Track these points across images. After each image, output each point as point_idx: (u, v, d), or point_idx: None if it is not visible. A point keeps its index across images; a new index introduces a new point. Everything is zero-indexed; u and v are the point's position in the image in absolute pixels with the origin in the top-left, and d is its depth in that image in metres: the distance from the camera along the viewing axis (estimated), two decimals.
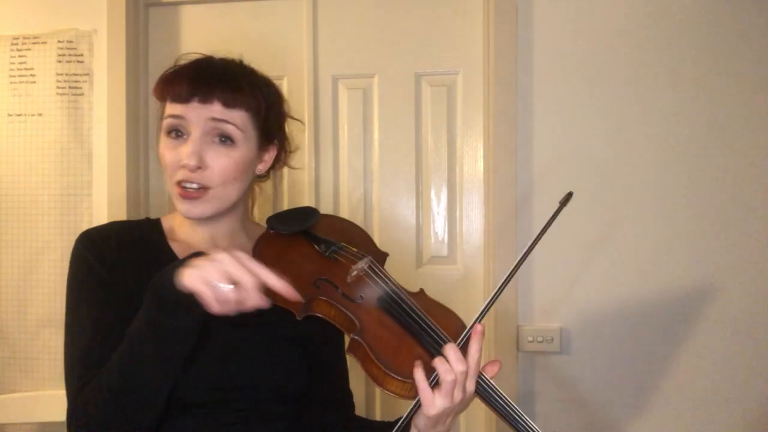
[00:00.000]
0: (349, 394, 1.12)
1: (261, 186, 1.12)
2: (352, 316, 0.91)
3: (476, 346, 0.88)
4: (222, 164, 0.92)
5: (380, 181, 1.72)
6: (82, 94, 1.71)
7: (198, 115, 0.91)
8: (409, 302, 0.95)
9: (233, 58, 1.01)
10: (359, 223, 1.18)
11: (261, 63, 1.04)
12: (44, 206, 1.71)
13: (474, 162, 1.69)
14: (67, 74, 1.71)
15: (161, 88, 0.95)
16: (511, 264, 1.56)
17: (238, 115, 0.93)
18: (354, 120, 1.72)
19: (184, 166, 0.90)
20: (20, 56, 1.72)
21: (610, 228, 1.57)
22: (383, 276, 0.98)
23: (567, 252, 1.59)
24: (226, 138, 0.92)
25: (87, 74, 1.71)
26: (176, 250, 0.99)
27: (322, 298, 0.92)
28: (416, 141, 1.70)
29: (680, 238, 1.56)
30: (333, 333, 1.01)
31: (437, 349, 0.89)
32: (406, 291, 0.98)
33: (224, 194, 0.94)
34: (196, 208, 0.92)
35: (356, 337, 0.89)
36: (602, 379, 1.59)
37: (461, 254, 1.70)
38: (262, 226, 1.05)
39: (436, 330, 0.92)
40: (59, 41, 1.71)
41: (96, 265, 0.92)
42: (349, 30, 1.72)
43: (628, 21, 1.57)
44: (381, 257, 1.06)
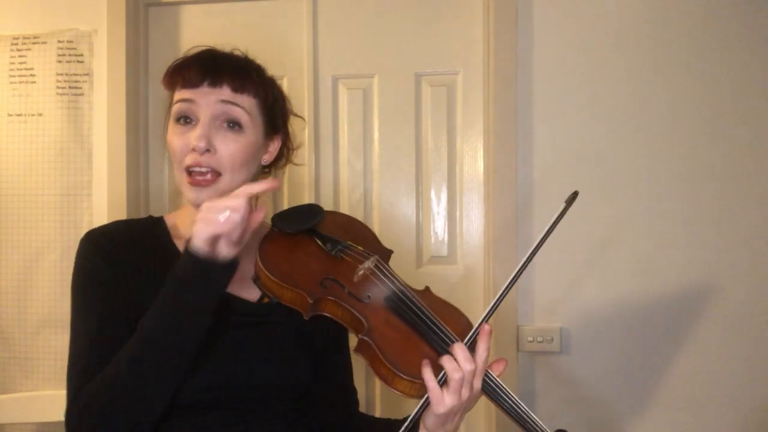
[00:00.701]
0: (354, 391, 1.12)
1: None
2: (360, 316, 0.91)
3: (484, 346, 0.90)
4: (231, 149, 0.92)
5: (380, 181, 1.72)
6: (82, 94, 1.71)
7: (207, 100, 0.92)
8: (417, 301, 0.95)
9: (240, 51, 1.02)
10: None
11: (261, 63, 1.04)
12: (44, 206, 1.71)
13: (474, 162, 1.69)
14: (67, 74, 1.71)
15: (171, 76, 0.96)
16: (512, 263, 1.57)
17: (247, 100, 0.94)
18: (354, 120, 1.72)
19: (194, 149, 0.90)
20: (20, 56, 1.72)
21: (610, 228, 1.57)
22: (390, 275, 0.98)
23: (567, 252, 1.59)
24: (234, 123, 0.93)
25: (87, 74, 1.71)
26: (181, 248, 0.98)
27: (330, 298, 0.92)
28: (416, 141, 1.70)
29: (680, 238, 1.56)
30: (337, 330, 1.01)
31: (444, 348, 0.90)
32: (413, 289, 0.98)
33: (232, 181, 0.94)
34: (205, 194, 0.92)
35: (365, 338, 0.89)
36: (602, 379, 1.59)
37: (461, 254, 1.70)
38: (267, 224, 1.05)
39: (444, 329, 0.92)
40: (59, 41, 1.71)
41: (100, 265, 0.92)
42: (349, 30, 1.72)
43: (628, 21, 1.57)
44: (386, 255, 1.06)
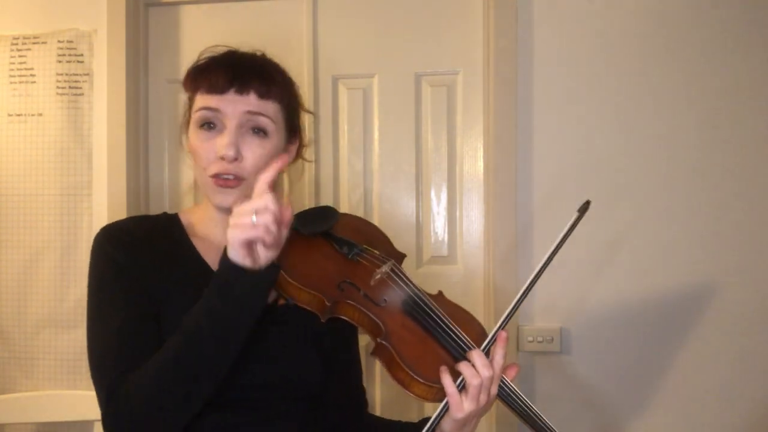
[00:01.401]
0: (363, 392, 1.12)
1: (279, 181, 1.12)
2: (377, 320, 0.92)
3: (501, 352, 0.91)
4: (256, 155, 0.93)
5: (380, 181, 1.72)
6: (82, 94, 1.71)
7: (234, 107, 0.92)
8: (433, 306, 0.96)
9: (259, 51, 1.03)
10: None
11: (268, 56, 1.05)
12: (44, 206, 1.71)
13: (474, 162, 1.69)
14: (67, 74, 1.71)
15: (194, 79, 0.96)
16: (512, 263, 1.57)
17: (272, 107, 0.95)
18: (354, 120, 1.72)
19: (222, 158, 0.91)
20: (20, 56, 1.72)
21: (610, 228, 1.57)
22: (406, 279, 0.99)
23: (567, 252, 1.58)
24: (260, 129, 0.94)
25: (87, 74, 1.71)
26: (197, 246, 0.99)
27: (348, 302, 0.93)
28: (416, 141, 1.70)
29: (680, 238, 1.56)
30: (347, 331, 1.02)
31: (460, 353, 0.92)
32: (427, 294, 0.99)
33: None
34: (230, 197, 0.93)
35: (383, 342, 0.90)
36: (602, 379, 1.59)
37: (461, 254, 1.70)
38: None
39: (460, 334, 0.94)
40: (59, 41, 1.71)
41: (119, 257, 0.92)
42: (349, 30, 1.72)
43: (628, 20, 1.57)
44: (399, 258, 1.07)
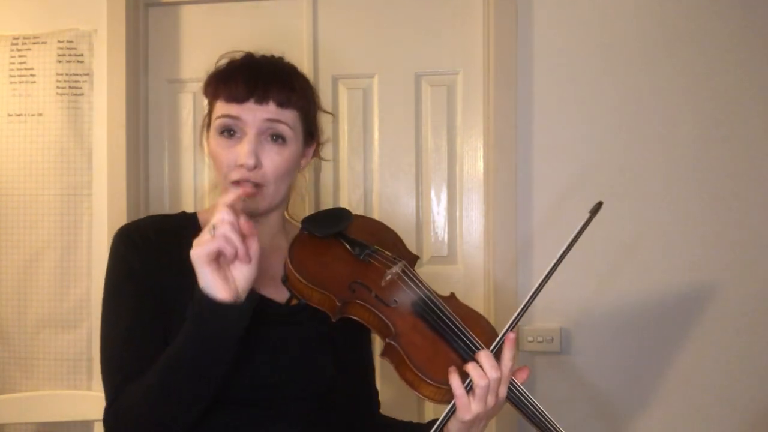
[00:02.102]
0: (375, 392, 1.13)
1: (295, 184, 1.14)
2: (387, 320, 0.93)
3: (509, 354, 0.91)
4: (275, 163, 0.95)
5: (380, 181, 1.72)
6: (82, 94, 1.71)
7: (254, 116, 0.93)
8: (444, 308, 0.96)
9: (277, 56, 1.04)
10: None
11: (286, 60, 1.05)
12: (44, 206, 1.71)
13: (474, 162, 1.69)
14: (67, 74, 1.71)
15: (215, 88, 0.97)
16: (512, 263, 1.57)
17: (291, 115, 0.96)
18: (354, 120, 1.72)
19: (242, 166, 0.92)
20: (20, 56, 1.72)
21: (611, 228, 1.57)
22: (417, 281, 0.99)
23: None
24: (278, 137, 0.95)
25: (87, 74, 1.71)
26: None
27: (358, 302, 0.94)
28: (416, 141, 1.70)
29: (681, 238, 1.56)
30: (359, 331, 1.02)
31: (470, 355, 0.92)
32: (438, 295, 0.99)
33: (276, 191, 0.97)
34: (252, 203, 0.95)
35: (392, 342, 0.91)
36: (602, 379, 1.59)
37: (461, 254, 1.70)
38: (296, 226, 1.07)
39: (470, 336, 0.94)
40: (59, 41, 1.71)
41: (133, 261, 0.93)
42: (349, 30, 1.72)
43: (628, 20, 1.57)
44: (412, 260, 1.07)
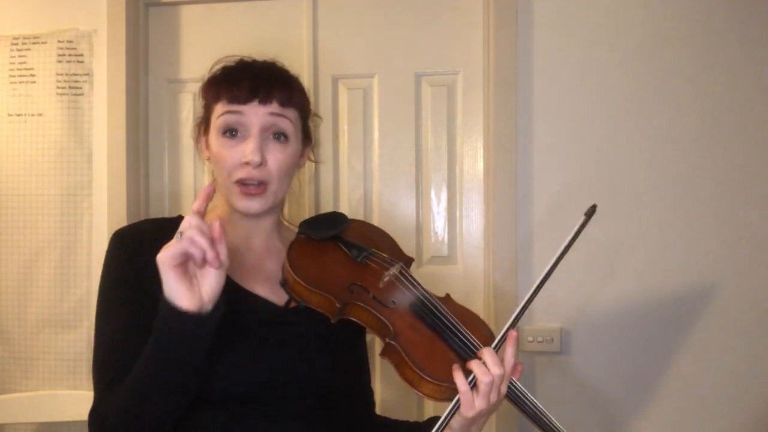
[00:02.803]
0: (371, 392, 1.13)
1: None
2: (386, 321, 0.94)
3: (511, 351, 0.92)
4: (279, 160, 0.96)
5: (380, 181, 1.72)
6: (82, 94, 1.71)
7: (257, 113, 0.95)
8: (441, 308, 0.98)
9: (271, 59, 1.05)
10: None
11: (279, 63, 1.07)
12: (44, 206, 1.71)
13: (474, 162, 1.69)
14: (67, 74, 1.71)
15: (216, 90, 0.98)
16: (512, 263, 1.57)
17: (292, 114, 0.98)
18: (354, 120, 1.72)
19: (248, 163, 0.93)
20: (20, 56, 1.72)
21: (611, 228, 1.57)
22: (414, 281, 1.01)
23: (568, 253, 1.58)
24: (281, 134, 0.97)
25: (87, 74, 1.71)
26: None
27: (358, 303, 0.95)
28: (416, 141, 1.70)
29: (680, 238, 1.56)
30: (356, 331, 1.04)
31: (468, 354, 0.93)
32: (435, 296, 1.01)
33: (278, 190, 0.98)
34: (256, 203, 0.96)
35: (392, 342, 0.92)
36: (602, 380, 1.59)
37: (461, 254, 1.70)
38: (294, 229, 1.08)
39: (468, 336, 0.95)
40: (59, 41, 1.71)
41: (125, 266, 0.93)
42: (349, 30, 1.72)
43: (629, 21, 1.57)
44: (407, 262, 1.09)
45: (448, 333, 0.95)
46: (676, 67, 1.56)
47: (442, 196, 1.71)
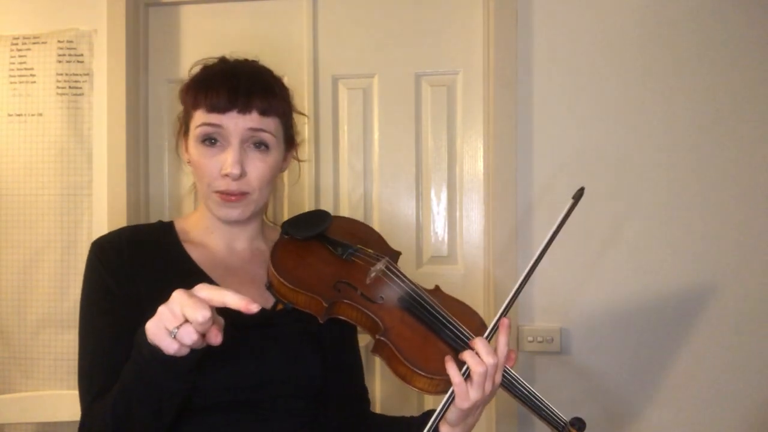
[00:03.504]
0: (365, 390, 1.13)
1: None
2: (375, 317, 0.93)
3: (504, 339, 0.91)
4: (259, 170, 0.95)
5: (380, 181, 1.72)
6: (82, 94, 1.71)
7: (236, 124, 0.93)
8: (430, 300, 0.97)
9: (251, 60, 1.03)
10: None
11: (262, 63, 1.05)
12: (44, 206, 1.71)
13: (474, 162, 1.69)
14: (67, 74, 1.71)
15: (194, 97, 0.95)
16: (512, 263, 1.57)
17: (272, 123, 0.96)
18: (354, 120, 1.72)
19: (227, 176, 0.92)
20: (20, 56, 1.72)
21: (611, 228, 1.57)
22: (401, 276, 1.00)
23: (567, 252, 1.59)
24: (261, 144, 0.95)
25: (87, 74, 1.71)
26: (191, 253, 1.00)
27: (345, 302, 0.94)
28: (416, 141, 1.70)
29: (680, 238, 1.56)
30: (347, 332, 1.03)
31: (460, 345, 0.92)
32: (424, 289, 0.99)
33: (260, 198, 0.97)
34: (235, 211, 0.95)
35: (381, 338, 0.91)
36: (602, 379, 1.59)
37: (461, 254, 1.70)
38: (277, 229, 1.07)
39: (458, 326, 0.94)
40: (59, 41, 1.71)
41: (105, 276, 0.92)
42: (349, 30, 1.72)
43: (628, 20, 1.57)
44: (395, 256, 1.08)
45: (439, 325, 0.94)
46: (677, 66, 1.56)
47: (442, 196, 1.71)
